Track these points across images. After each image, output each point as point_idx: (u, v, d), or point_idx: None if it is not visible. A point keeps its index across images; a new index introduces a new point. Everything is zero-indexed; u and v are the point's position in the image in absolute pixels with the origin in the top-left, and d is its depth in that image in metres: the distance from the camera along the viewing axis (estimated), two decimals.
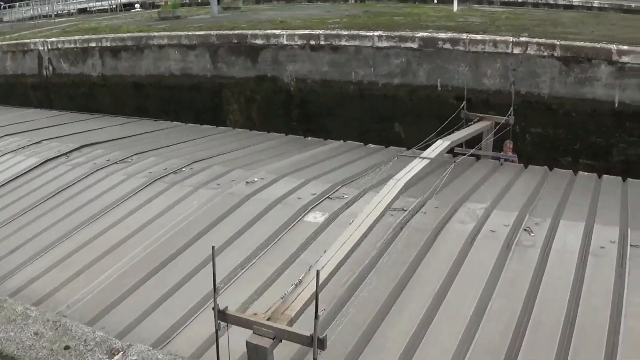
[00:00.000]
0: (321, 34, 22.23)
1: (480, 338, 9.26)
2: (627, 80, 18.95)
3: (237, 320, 7.73)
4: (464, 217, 12.71)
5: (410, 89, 20.97)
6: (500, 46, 19.85)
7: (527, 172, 16.60)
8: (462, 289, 10.39)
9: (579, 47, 19.40)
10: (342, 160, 16.86)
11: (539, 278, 10.72)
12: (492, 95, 19.61)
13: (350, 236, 9.99)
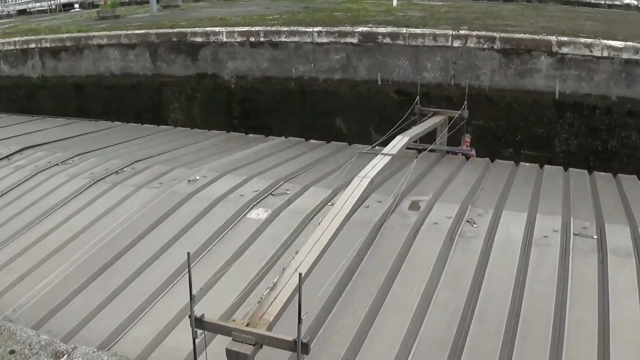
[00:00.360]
0: (261, 31, 22.16)
1: (426, 330, 9.29)
2: (567, 71, 19.17)
3: (215, 327, 7.62)
4: (407, 210, 12.71)
5: (350, 84, 21.01)
6: (440, 40, 19.95)
7: (469, 164, 16.69)
8: (406, 281, 10.39)
9: (519, 39, 19.59)
10: (283, 157, 16.82)
11: (482, 269, 10.78)
12: (433, 89, 19.71)
13: (320, 236, 9.91)
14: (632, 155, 19.43)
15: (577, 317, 9.67)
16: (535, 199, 13.82)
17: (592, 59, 19.13)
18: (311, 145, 18.67)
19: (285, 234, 11.95)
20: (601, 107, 19.32)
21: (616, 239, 11.78)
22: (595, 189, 15.04)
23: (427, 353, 8.91)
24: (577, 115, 19.21)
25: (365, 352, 8.94)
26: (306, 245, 9.62)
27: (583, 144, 19.58)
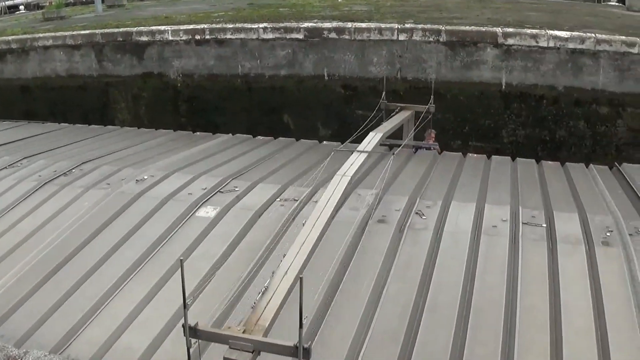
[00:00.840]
0: (206, 28, 22.03)
1: (378, 322, 9.30)
2: (514, 62, 19.29)
3: (210, 336, 7.44)
4: (356, 204, 12.70)
5: (297, 79, 20.97)
6: (386, 33, 19.95)
7: (416, 156, 16.75)
8: (357, 275, 10.39)
9: (465, 31, 19.67)
10: (231, 154, 16.73)
11: (433, 260, 10.81)
12: (380, 83, 19.68)
13: (307, 237, 9.77)
14: (579, 144, 19.59)
15: (528, 305, 9.73)
16: (483, 190, 13.89)
17: (538, 50, 19.25)
18: (258, 141, 18.61)
19: (234, 232, 11.89)
20: (548, 97, 19.47)
21: (565, 227, 11.85)
22: (544, 178, 15.13)
23: (380, 345, 8.92)
24: (524, 105, 19.35)
25: (318, 346, 8.87)
26: (293, 247, 9.44)
27: (531, 134, 19.71)
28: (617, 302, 9.98)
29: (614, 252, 11.24)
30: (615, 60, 19.12)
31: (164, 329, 9.43)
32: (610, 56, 19.12)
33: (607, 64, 19.20)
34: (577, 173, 15.74)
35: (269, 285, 8.29)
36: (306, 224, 10.25)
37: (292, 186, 13.56)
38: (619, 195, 14.14)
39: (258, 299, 8.02)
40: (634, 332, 9.36)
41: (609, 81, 19.30)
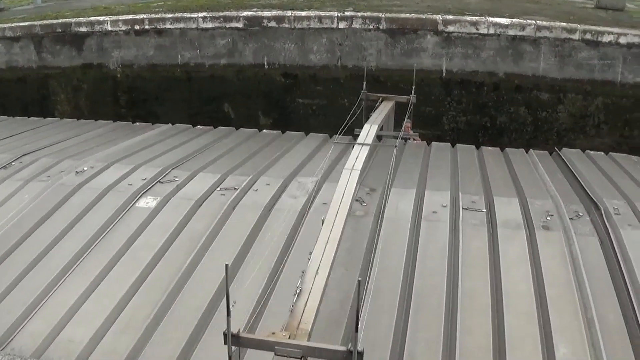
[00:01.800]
0: (145, 18, 21.78)
1: (322, 309, 9.06)
2: (454, 49, 19.34)
3: (255, 343, 7.05)
4: (295, 192, 12.75)
5: (237, 68, 20.83)
6: (326, 22, 19.87)
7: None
8: (297, 262, 10.21)
9: (405, 18, 19.64)
10: (171, 144, 16.64)
11: (374, 246, 10.80)
12: (319, 71, 19.63)
13: (330, 234, 9.46)
14: (520, 130, 19.71)
15: (469, 289, 9.84)
16: (423, 176, 13.99)
17: (478, 37, 19.31)
18: (198, 131, 18.54)
19: (174, 222, 11.82)
20: (488, 84, 19.55)
21: (505, 212, 11.95)
22: (484, 163, 15.24)
23: (324, 332, 8.83)
24: (465, 92, 19.43)
25: (260, 332, 8.72)
26: (318, 246, 9.12)
27: (472, 121, 19.79)
28: (559, 286, 10.08)
29: (555, 236, 11.35)
30: (555, 46, 19.25)
31: (106, 322, 9.35)
32: (550, 43, 19.25)
33: (547, 51, 19.33)
34: (517, 158, 15.88)
35: (302, 286, 7.96)
36: (325, 221, 9.86)
37: (232, 175, 13.51)
38: (559, 180, 14.28)
39: (294, 301, 7.69)
40: (576, 315, 9.49)
41: (550, 67, 19.43)
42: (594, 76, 19.54)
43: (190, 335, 8.92)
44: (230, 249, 10.75)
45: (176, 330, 9.03)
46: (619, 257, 10.99)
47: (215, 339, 8.71)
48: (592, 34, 19.29)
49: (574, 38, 19.23)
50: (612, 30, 19.35)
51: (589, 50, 19.36)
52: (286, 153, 15.39)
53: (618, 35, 19.29)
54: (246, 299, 9.48)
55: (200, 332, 9.05)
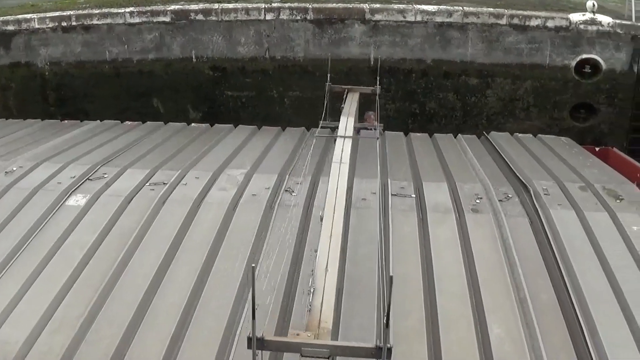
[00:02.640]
0: (72, 15, 21.52)
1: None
2: (382, 37, 19.39)
3: (280, 345, 6.84)
4: (225, 184, 12.71)
5: (165, 63, 20.65)
6: (253, 13, 19.80)
7: (285, 134, 16.87)
8: (229, 254, 10.45)
9: (332, 8, 19.65)
10: (99, 140, 16.49)
11: (304, 235, 10.96)
12: (248, 63, 19.58)
13: (332, 230, 9.22)
14: (450, 115, 19.84)
15: (401, 274, 9.87)
16: (352, 164, 13.93)
17: (405, 24, 19.39)
18: (126, 126, 18.39)
19: (104, 219, 11.70)
20: (417, 71, 19.64)
21: (434, 196, 12.05)
22: (412, 149, 15.35)
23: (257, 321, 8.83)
24: (394, 80, 19.46)
25: (194, 328, 8.94)
26: (322, 242, 8.84)
27: (401, 108, 19.86)
28: (490, 267, 10.21)
29: (484, 218, 11.48)
30: (483, 32, 19.42)
31: (40, 322, 9.21)
32: (478, 28, 19.41)
33: (475, 36, 19.48)
34: (445, 143, 16.01)
35: (315, 284, 7.72)
36: (324, 217, 9.57)
37: (161, 170, 13.44)
38: (488, 163, 14.41)
39: (310, 300, 7.44)
40: (508, 295, 9.63)
41: (478, 53, 19.58)
42: (522, 60, 19.75)
43: (125, 332, 8.83)
44: (161, 245, 10.69)
45: (111, 327, 8.94)
46: (549, 236, 11.20)
47: (150, 333, 8.78)
48: (519, 18, 19.48)
49: (502, 23, 19.40)
50: (539, 15, 19.56)
51: (517, 34, 19.55)
52: (215, 146, 15.36)
53: (545, 19, 19.51)
54: (179, 293, 9.52)
55: (134, 328, 8.96)
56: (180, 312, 9.11)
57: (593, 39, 19.88)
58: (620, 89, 20.50)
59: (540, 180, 13.11)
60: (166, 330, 8.77)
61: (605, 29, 19.86)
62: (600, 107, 20.75)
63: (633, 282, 10.00)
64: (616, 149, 16.96)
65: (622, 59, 20.27)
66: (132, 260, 10.41)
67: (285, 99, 19.46)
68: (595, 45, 19.99)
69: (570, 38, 19.80)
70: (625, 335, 8.95)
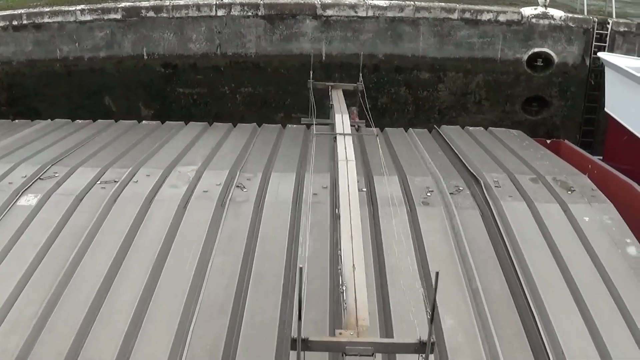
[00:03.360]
0: (23, 13, 21.34)
1: (205, 296, 9.33)
2: (333, 32, 19.44)
3: (325, 346, 6.85)
4: (176, 182, 12.68)
5: (116, 60, 20.58)
6: (204, 9, 19.78)
7: (236, 130, 16.82)
8: (181, 251, 10.40)
9: (283, 4, 19.70)
10: (50, 139, 16.28)
11: (255, 231, 10.93)
12: (200, 59, 19.54)
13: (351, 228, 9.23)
14: (402, 109, 19.95)
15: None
16: (303, 159, 14.09)
17: (357, 19, 19.47)
18: (77, 125, 18.18)
19: (56, 218, 11.59)
20: (369, 66, 19.67)
21: (385, 190, 12.02)
22: (363, 144, 15.32)
23: (209, 319, 8.92)
24: (346, 75, 19.45)
25: (147, 325, 8.90)
26: (344, 240, 8.90)
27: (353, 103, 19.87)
28: (442, 259, 10.26)
29: (435, 211, 11.55)
30: (434, 26, 19.56)
31: None
32: (430, 23, 19.55)
33: (427, 31, 19.61)
34: (396, 137, 16.06)
35: (345, 283, 7.75)
36: (341, 215, 9.65)
37: (112, 168, 13.35)
38: (439, 157, 14.48)
39: (345, 298, 7.47)
40: (460, 287, 9.73)
41: (429, 47, 19.72)
42: (474, 54, 19.92)
43: (78, 331, 8.77)
44: (113, 243, 10.62)
45: (64, 326, 8.87)
46: (500, 228, 11.30)
47: (104, 331, 8.75)
48: (471, 13, 19.62)
49: (453, 17, 19.54)
50: (491, 9, 19.73)
51: (469, 28, 19.71)
52: (166, 143, 15.31)
53: (497, 13, 19.68)
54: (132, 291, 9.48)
55: (88, 327, 8.90)
56: (134, 309, 9.08)
57: (545, 32, 20.11)
58: (573, 82, 20.77)
59: (491, 173, 13.22)
60: (120, 328, 8.74)
61: (557, 22, 20.07)
62: (552, 100, 21.00)
63: (584, 271, 10.15)
64: (567, 141, 17.08)
65: (574, 52, 20.53)
66: (85, 259, 10.33)
67: (237, 95, 19.47)
68: (547, 39, 20.22)
69: (522, 32, 20.02)
70: (577, 323, 9.09)
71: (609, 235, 11.28)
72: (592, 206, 12.19)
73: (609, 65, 17.91)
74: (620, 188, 13.23)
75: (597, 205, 12.26)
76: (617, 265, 10.33)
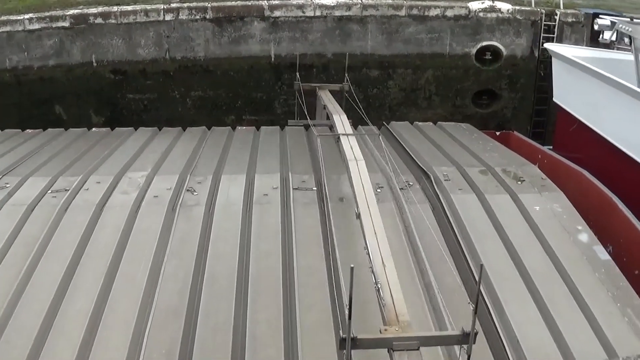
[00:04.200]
0: None
1: (159, 301, 9.35)
2: (281, 33, 19.48)
3: (373, 343, 7.05)
4: (127, 188, 12.68)
5: (66, 68, 20.46)
6: (152, 14, 19.75)
7: (186, 134, 16.85)
8: (133, 257, 10.42)
9: (231, 6, 19.72)
10: (0, 150, 16.10)
11: (207, 234, 10.97)
12: (149, 64, 19.50)
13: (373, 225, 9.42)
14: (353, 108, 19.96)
15: (305, 266, 10.04)
16: (253, 160, 14.15)
17: (305, 20, 19.53)
18: (27, 135, 18.00)
19: (8, 229, 11.46)
20: (318, 65, 19.80)
21: (336, 188, 12.12)
22: (312, 143, 15.37)
23: (164, 323, 8.95)
24: (294, 76, 19.50)
25: (103, 332, 8.89)
26: (369, 240, 9.06)
27: None
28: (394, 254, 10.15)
29: (386, 206, 11.60)
30: (383, 24, 19.67)
31: None
32: (377, 20, 19.65)
33: (375, 29, 19.72)
34: None
35: (379, 281, 7.96)
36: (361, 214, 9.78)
37: (62, 176, 13.30)
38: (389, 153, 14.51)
39: (382, 296, 7.66)
40: (413, 281, 9.84)
41: (378, 45, 19.83)
42: (423, 50, 20.06)
43: (34, 341, 8.74)
44: (65, 252, 10.57)
45: (20, 336, 8.85)
46: (451, 221, 11.47)
47: (60, 340, 8.74)
48: (418, 9, 19.78)
49: (401, 14, 19.66)
50: (438, 4, 19.90)
51: (417, 25, 19.85)
52: (116, 150, 15.28)
53: (445, 8, 19.85)
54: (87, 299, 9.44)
55: (44, 337, 8.88)
56: (89, 317, 9.06)
57: (493, 26, 20.31)
58: (522, 74, 21.00)
59: (441, 167, 13.37)
60: (75, 336, 8.72)
61: (505, 15, 20.28)
62: (502, 93, 21.21)
63: (537, 260, 10.30)
64: (517, 133, 17.28)
65: (522, 44, 20.74)
66: (38, 269, 10.28)
67: (188, 100, 19.47)
68: (495, 32, 20.42)
69: (470, 26, 20.19)
70: (532, 311, 9.26)
71: (560, 223, 11.49)
72: (542, 195, 12.40)
73: (555, 56, 18.11)
74: (570, 176, 13.45)
75: (547, 194, 12.47)
76: (568, 252, 10.53)
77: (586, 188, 12.83)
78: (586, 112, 16.65)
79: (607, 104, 15.68)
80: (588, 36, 20.86)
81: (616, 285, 9.90)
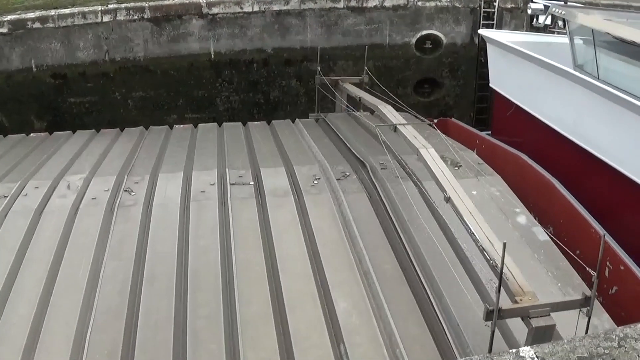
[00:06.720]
0: None
1: (100, 302, 9.41)
2: (220, 30, 19.50)
3: (514, 312, 7.77)
4: (65, 191, 12.68)
5: (5, 75, 20.24)
6: (90, 17, 19.68)
7: (123, 135, 16.88)
8: (73, 260, 10.45)
9: (168, 5, 19.71)
10: None
11: (146, 233, 11.02)
12: (89, 67, 19.44)
13: (466, 207, 9.64)
14: (294, 102, 20.13)
15: (244, 260, 10.15)
16: (190, 158, 14.24)
17: (243, 15, 19.56)
18: None
19: None
20: (258, 61, 19.86)
21: (272, 181, 12.27)
22: (250, 138, 15.49)
23: (105, 324, 9.02)
24: (235, 71, 19.62)
25: (45, 337, 8.92)
26: (469, 221, 9.29)
27: (245, 99, 20.07)
28: (332, 244, 10.52)
29: (323, 197, 11.78)
30: (321, 17, 19.71)
31: None
32: (316, 14, 19.72)
33: (313, 22, 19.79)
34: (283, 129, 16.22)
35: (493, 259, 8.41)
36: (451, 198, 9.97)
37: (0, 183, 13.25)
38: (325, 144, 14.67)
39: (501, 272, 7.86)
40: (352, 269, 9.99)
41: (317, 38, 19.85)
42: (363, 41, 20.07)
43: None
44: (5, 258, 10.54)
45: None
46: (388, 209, 11.57)
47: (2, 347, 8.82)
48: (357, 1, 19.83)
49: (339, 7, 19.75)
50: None
51: (355, 16, 19.95)
52: (54, 154, 15.27)
53: None
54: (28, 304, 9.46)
55: None
56: (30, 323, 9.08)
57: (432, 14, 20.47)
58: (463, 62, 21.16)
59: (377, 156, 13.43)
60: (18, 342, 8.74)
61: (444, 4, 20.45)
62: (443, 81, 21.37)
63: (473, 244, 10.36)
64: (454, 119, 17.42)
65: (462, 32, 20.91)
66: None
67: (129, 101, 19.45)
68: (435, 21, 20.58)
69: (409, 16, 20.32)
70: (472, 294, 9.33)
71: (498, 206, 11.65)
72: (480, 180, 12.55)
73: (490, 42, 18.26)
74: (508, 160, 13.62)
75: (485, 178, 12.65)
76: (507, 235, 10.56)
77: (525, 171, 12.99)
78: (522, 96, 16.83)
79: (542, 87, 15.86)
80: (528, 22, 21.04)
81: (556, 266, 10.15)
